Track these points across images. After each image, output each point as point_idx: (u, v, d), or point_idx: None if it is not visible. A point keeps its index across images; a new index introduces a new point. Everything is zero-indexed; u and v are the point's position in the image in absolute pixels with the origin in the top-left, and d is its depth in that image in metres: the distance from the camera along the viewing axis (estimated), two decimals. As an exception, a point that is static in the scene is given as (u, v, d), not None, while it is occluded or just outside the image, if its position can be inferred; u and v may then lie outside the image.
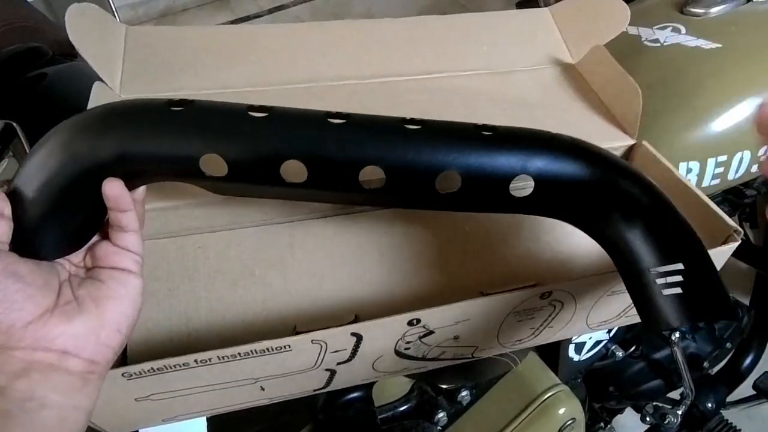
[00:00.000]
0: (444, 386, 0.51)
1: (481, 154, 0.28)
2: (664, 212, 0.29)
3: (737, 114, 0.51)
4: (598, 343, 0.64)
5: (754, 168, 0.54)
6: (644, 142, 0.42)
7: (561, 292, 0.33)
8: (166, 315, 0.32)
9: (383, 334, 0.30)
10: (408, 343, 0.32)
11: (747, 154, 0.53)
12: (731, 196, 0.67)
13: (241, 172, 0.27)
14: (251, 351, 0.27)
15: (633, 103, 0.41)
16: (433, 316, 0.30)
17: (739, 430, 0.76)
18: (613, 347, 0.68)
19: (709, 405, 0.80)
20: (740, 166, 0.53)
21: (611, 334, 0.65)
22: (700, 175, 0.53)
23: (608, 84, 0.45)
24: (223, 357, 0.27)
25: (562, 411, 0.51)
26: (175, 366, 0.27)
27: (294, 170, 0.27)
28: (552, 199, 0.30)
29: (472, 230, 0.38)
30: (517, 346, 0.37)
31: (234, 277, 0.34)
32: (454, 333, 0.33)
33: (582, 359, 0.64)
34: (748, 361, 0.87)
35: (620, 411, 0.86)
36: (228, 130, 0.26)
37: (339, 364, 0.32)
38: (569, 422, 0.51)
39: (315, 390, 0.35)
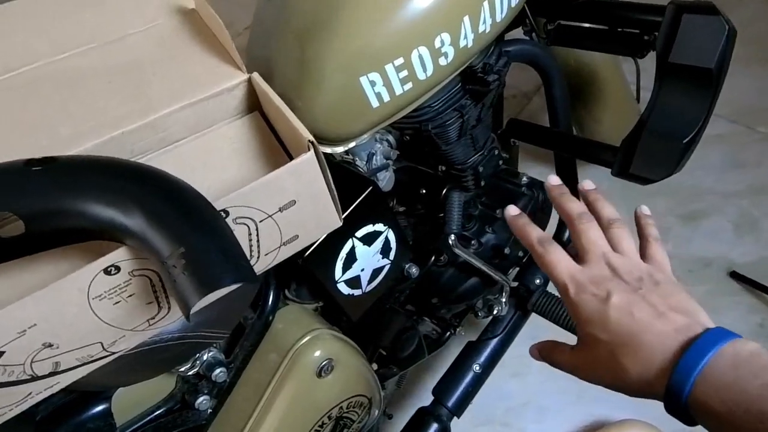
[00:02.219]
0: (192, 372, 0.50)
1: None
2: (161, 202, 0.29)
3: (390, 13, 0.49)
4: (378, 270, 0.64)
5: (443, 61, 0.54)
6: (254, 74, 0.40)
7: (129, 261, 0.30)
8: None
9: None
10: None
11: (424, 50, 0.51)
12: (477, 87, 0.67)
13: None
14: None
15: (226, 37, 0.39)
16: None
17: (555, 296, 0.81)
18: (407, 266, 0.70)
19: (537, 281, 0.84)
20: (424, 64, 0.52)
21: (391, 257, 0.65)
22: (387, 85, 0.51)
23: (214, 20, 0.41)
24: None
25: (316, 354, 0.52)
26: None
27: None
28: (51, 227, 0.28)
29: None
30: (157, 325, 0.35)
31: None
32: (36, 343, 0.30)
33: (368, 290, 0.64)
34: (567, 232, 0.92)
35: (465, 314, 0.90)
36: None
37: None
38: (324, 363, 0.52)
39: None
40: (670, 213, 1.25)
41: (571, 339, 0.72)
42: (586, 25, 0.76)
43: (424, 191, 0.76)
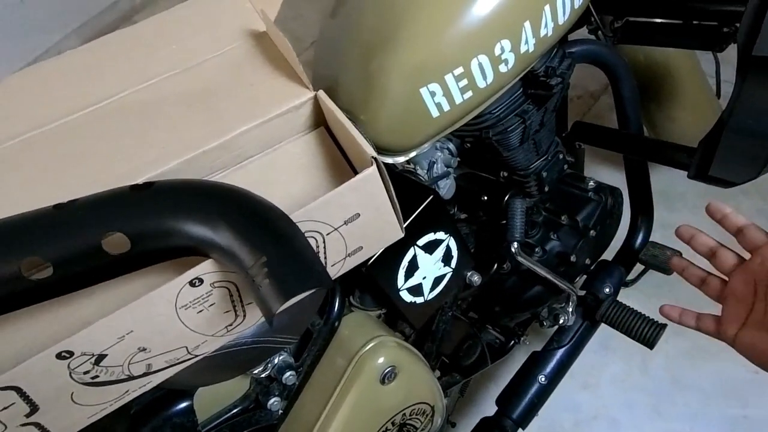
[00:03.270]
0: (264, 375, 0.53)
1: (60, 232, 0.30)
2: (245, 217, 0.32)
3: (450, 25, 0.49)
4: (440, 278, 0.65)
5: (503, 68, 0.53)
6: (319, 92, 0.42)
7: (211, 274, 0.33)
8: None
9: (42, 376, 0.30)
10: (86, 373, 0.32)
11: (484, 59, 0.51)
12: (540, 91, 0.66)
13: None
14: None
15: (293, 57, 0.41)
16: (82, 342, 0.30)
17: (627, 306, 0.77)
18: (469, 274, 0.69)
19: (607, 290, 0.81)
20: (483, 70, 0.52)
21: (453, 265, 0.65)
22: (447, 95, 0.52)
23: (282, 42, 0.44)
24: None
25: (380, 361, 0.53)
26: None
27: None
28: (151, 246, 0.31)
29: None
30: (234, 331, 0.38)
31: None
32: (133, 347, 0.33)
33: (430, 298, 0.65)
34: (639, 239, 0.88)
35: (529, 322, 0.88)
36: None
37: (30, 415, 0.32)
38: (387, 370, 0.53)
39: None
40: (757, 216, 1.14)
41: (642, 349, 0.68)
42: (658, 20, 0.73)
43: (485, 198, 0.76)
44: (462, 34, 0.49)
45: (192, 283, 0.33)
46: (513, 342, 0.87)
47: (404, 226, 0.42)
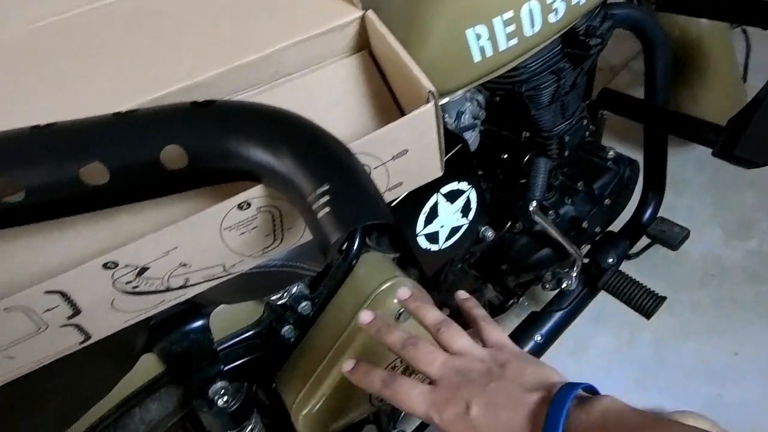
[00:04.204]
0: (281, 302, 0.53)
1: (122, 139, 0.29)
2: (307, 144, 0.31)
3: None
4: (456, 229, 0.65)
5: (552, 18, 0.52)
6: (368, 12, 0.40)
7: (260, 199, 0.33)
8: None
9: (87, 284, 0.31)
10: (128, 283, 0.32)
11: (535, 5, 0.50)
12: (576, 50, 0.64)
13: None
14: None
15: None
16: (129, 254, 0.30)
17: (629, 277, 0.78)
18: (483, 228, 0.70)
19: (611, 260, 0.82)
20: (533, 17, 0.51)
21: (470, 217, 0.66)
22: (492, 39, 0.51)
23: None
24: None
25: (396, 300, 0.54)
26: None
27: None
28: (208, 165, 0.30)
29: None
30: (269, 254, 0.38)
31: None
32: (175, 262, 0.33)
33: (444, 247, 0.65)
34: (648, 213, 0.89)
35: (532, 283, 0.89)
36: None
37: (71, 318, 0.32)
38: (403, 309, 0.54)
39: (80, 343, 0.36)
40: (761, 208, 1.16)
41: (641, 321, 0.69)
42: (703, -10, 0.71)
43: (505, 156, 0.76)
44: (518, -26, 0.48)
45: (240, 206, 0.32)
46: (512, 301, 0.89)
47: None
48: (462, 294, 0.48)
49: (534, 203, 0.68)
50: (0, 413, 0.41)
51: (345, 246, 0.56)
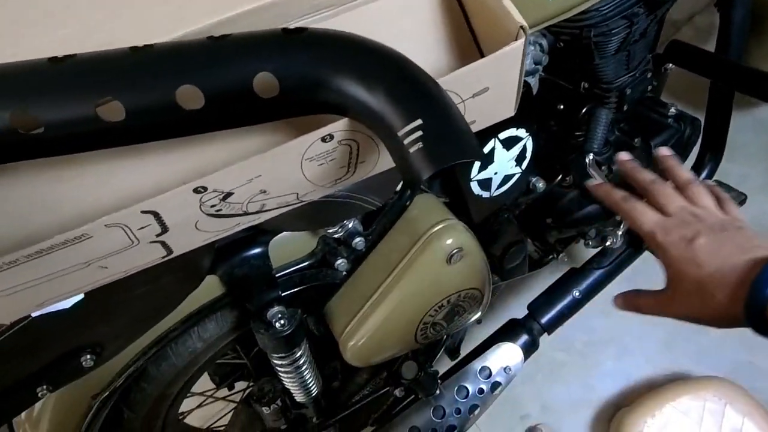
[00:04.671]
0: (337, 236, 0.55)
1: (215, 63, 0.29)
2: (401, 78, 0.30)
3: None
4: (509, 177, 0.65)
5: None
6: None
7: (343, 132, 0.33)
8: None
9: (177, 205, 0.32)
10: (213, 206, 0.34)
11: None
12: (651, -3, 0.61)
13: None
14: (51, 246, 0.29)
15: None
16: (217, 181, 0.31)
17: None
18: (534, 179, 0.69)
19: (657, 222, 0.81)
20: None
21: (523, 166, 0.65)
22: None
23: None
24: (28, 256, 0.29)
25: (448, 242, 0.54)
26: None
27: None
28: (297, 94, 0.30)
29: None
30: (339, 185, 0.39)
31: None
32: (256, 189, 0.34)
33: (495, 195, 0.65)
34: (703, 175, 0.86)
35: (572, 240, 0.89)
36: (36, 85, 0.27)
37: (159, 235, 0.34)
38: (455, 251, 0.54)
39: (163, 257, 0.38)
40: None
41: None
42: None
43: (561, 107, 0.73)
44: None
45: (323, 139, 0.33)
46: (551, 257, 0.89)
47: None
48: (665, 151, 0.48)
49: (591, 156, 0.67)
50: (82, 318, 0.44)
51: (400, 185, 0.56)
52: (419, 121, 0.29)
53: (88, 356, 0.48)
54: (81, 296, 0.41)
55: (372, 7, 0.41)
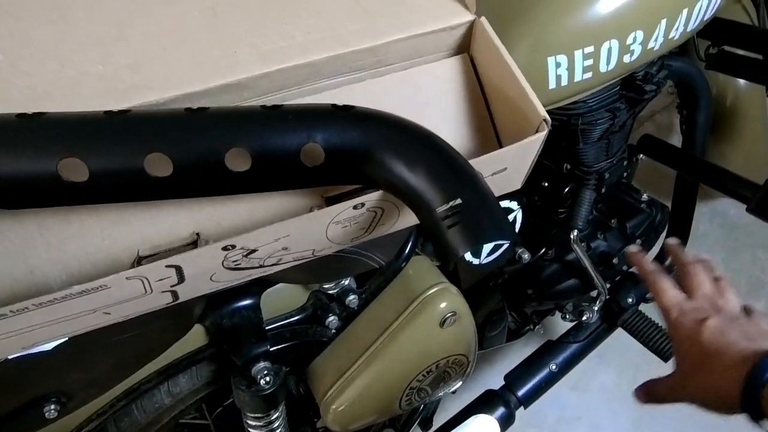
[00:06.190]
0: (331, 292, 0.54)
1: (268, 130, 0.30)
2: (441, 159, 0.32)
3: (600, 2, 0.50)
4: (498, 246, 0.67)
5: (627, 58, 0.55)
6: (482, 18, 0.41)
7: (374, 201, 0.34)
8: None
9: (202, 262, 0.32)
10: (234, 261, 0.33)
11: (615, 44, 0.53)
12: (632, 94, 0.67)
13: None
14: (67, 295, 0.28)
15: None
16: (248, 240, 0.31)
17: (650, 318, 0.80)
18: (520, 251, 0.71)
19: (630, 300, 0.84)
20: (610, 57, 0.53)
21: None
22: (570, 69, 0.53)
23: None
24: (39, 304, 0.27)
25: (442, 305, 0.55)
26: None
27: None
28: (341, 166, 0.32)
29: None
30: (355, 242, 0.39)
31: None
32: (280, 246, 0.34)
33: (484, 263, 0.67)
34: (669, 259, 0.91)
35: (549, 313, 0.91)
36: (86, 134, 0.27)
37: (174, 285, 0.33)
38: (449, 315, 0.55)
39: (167, 304, 0.36)
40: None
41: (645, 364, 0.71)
42: (753, 55, 0.75)
43: (546, 184, 0.78)
44: (607, 13, 0.51)
45: (355, 206, 0.34)
46: (527, 328, 0.90)
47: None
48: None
49: (575, 232, 0.70)
50: (57, 362, 0.41)
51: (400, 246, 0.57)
52: (459, 200, 0.30)
53: (52, 406, 0.44)
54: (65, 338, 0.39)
55: (403, 75, 0.42)
